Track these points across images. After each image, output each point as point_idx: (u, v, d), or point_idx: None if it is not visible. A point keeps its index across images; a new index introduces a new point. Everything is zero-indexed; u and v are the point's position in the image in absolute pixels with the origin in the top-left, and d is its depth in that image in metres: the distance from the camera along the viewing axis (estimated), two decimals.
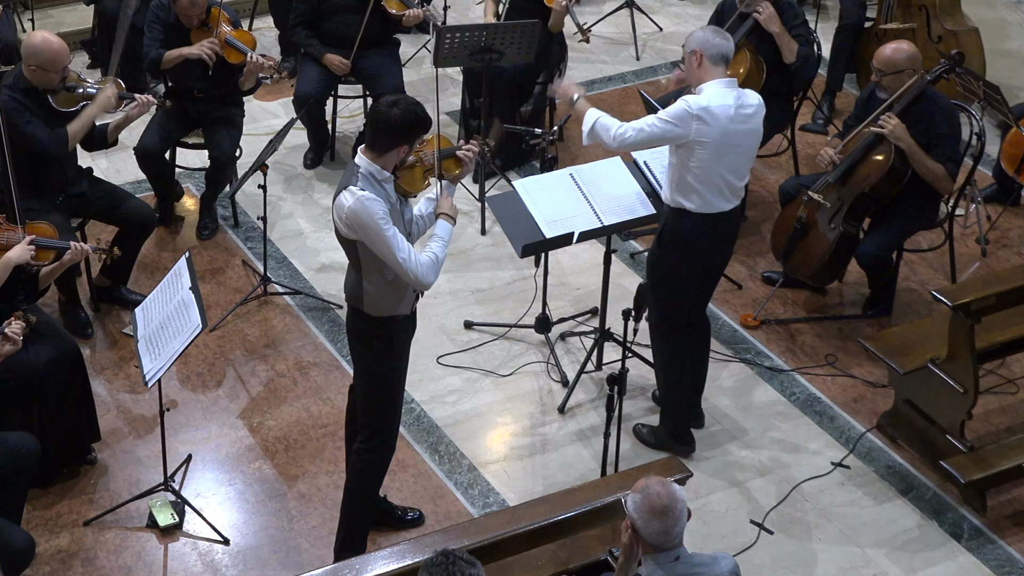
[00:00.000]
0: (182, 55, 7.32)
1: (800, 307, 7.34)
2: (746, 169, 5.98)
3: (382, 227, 5.08)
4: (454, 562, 4.02)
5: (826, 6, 9.92)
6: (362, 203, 5.08)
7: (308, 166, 8.24)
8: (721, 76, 5.81)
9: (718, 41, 5.80)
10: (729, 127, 5.78)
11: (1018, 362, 6.94)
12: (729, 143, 5.80)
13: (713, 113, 5.73)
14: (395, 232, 5.12)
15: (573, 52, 8.80)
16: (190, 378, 6.77)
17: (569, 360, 6.95)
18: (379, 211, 5.08)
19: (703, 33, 5.84)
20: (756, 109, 5.88)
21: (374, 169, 5.15)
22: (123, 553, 5.87)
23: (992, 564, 5.93)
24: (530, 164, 8.25)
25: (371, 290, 5.29)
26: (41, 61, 6.53)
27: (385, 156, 5.16)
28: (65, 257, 6.07)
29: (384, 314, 5.34)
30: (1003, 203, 8.05)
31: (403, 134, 5.14)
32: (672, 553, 4.38)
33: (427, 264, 5.19)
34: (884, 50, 6.84)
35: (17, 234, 5.98)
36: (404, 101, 5.16)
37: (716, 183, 5.87)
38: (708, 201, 5.90)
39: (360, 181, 5.13)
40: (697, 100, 5.77)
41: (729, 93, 5.79)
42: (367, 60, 7.98)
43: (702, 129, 5.73)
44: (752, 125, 5.88)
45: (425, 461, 6.35)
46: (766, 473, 6.35)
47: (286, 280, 7.37)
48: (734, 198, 5.97)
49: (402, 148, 5.16)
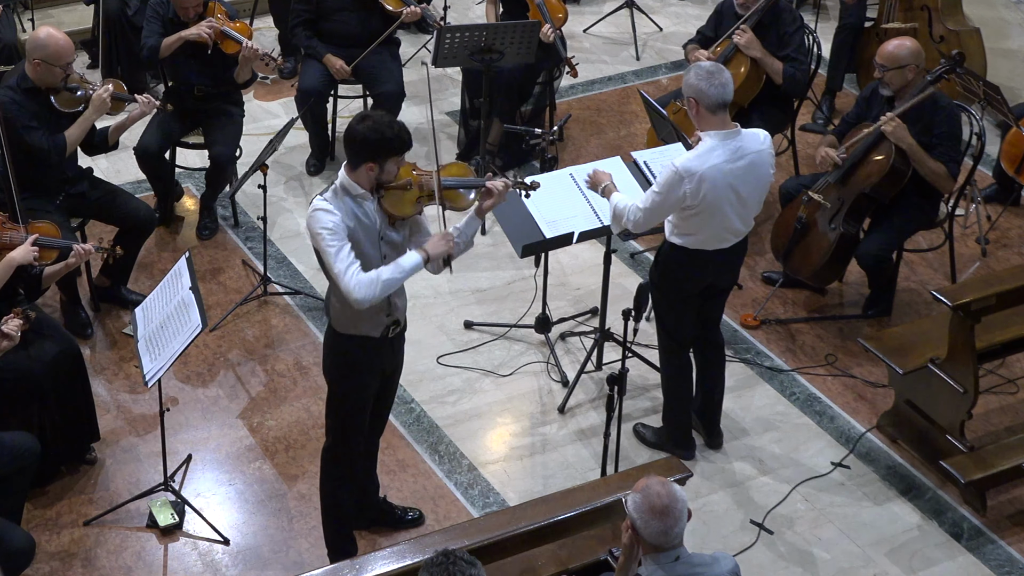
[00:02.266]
0: (181, 38, 7.31)
1: (800, 307, 7.34)
2: (751, 215, 5.86)
3: (324, 236, 5.00)
4: (454, 562, 4.02)
5: (826, 6, 9.92)
6: (314, 212, 5.04)
7: (311, 173, 8.23)
8: (720, 124, 5.64)
9: (714, 91, 5.57)
10: (724, 182, 5.64)
11: (1018, 362, 6.94)
12: (728, 196, 5.69)
13: (701, 176, 5.59)
14: (341, 245, 5.00)
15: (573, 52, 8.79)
16: (190, 378, 6.77)
17: (569, 360, 6.95)
18: (326, 221, 5.00)
19: (697, 81, 5.60)
20: (758, 154, 5.72)
21: (347, 183, 5.07)
22: (123, 553, 5.87)
23: (992, 564, 5.93)
24: (530, 164, 8.25)
25: (338, 305, 5.24)
26: (46, 55, 6.53)
27: (356, 172, 5.05)
28: (69, 259, 6.03)
29: (347, 331, 5.26)
30: (1003, 203, 8.05)
31: (367, 151, 4.99)
32: (672, 553, 4.38)
33: (364, 281, 5.01)
34: (887, 46, 6.83)
35: (20, 234, 5.97)
36: (375, 118, 5.01)
37: (716, 231, 5.81)
38: (704, 243, 5.84)
39: (329, 192, 5.08)
40: (685, 162, 5.62)
41: (725, 146, 5.64)
42: (367, 60, 7.98)
43: (694, 189, 5.61)
44: (754, 172, 5.72)
45: (425, 461, 6.36)
46: (766, 473, 6.35)
47: (286, 280, 7.37)
48: (735, 238, 5.89)
49: (369, 166, 5.02)
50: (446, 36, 7.60)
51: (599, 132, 8.73)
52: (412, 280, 5.35)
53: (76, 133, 6.71)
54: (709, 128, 5.66)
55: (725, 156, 5.64)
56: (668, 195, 5.66)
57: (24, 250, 5.89)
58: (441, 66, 7.91)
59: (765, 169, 5.79)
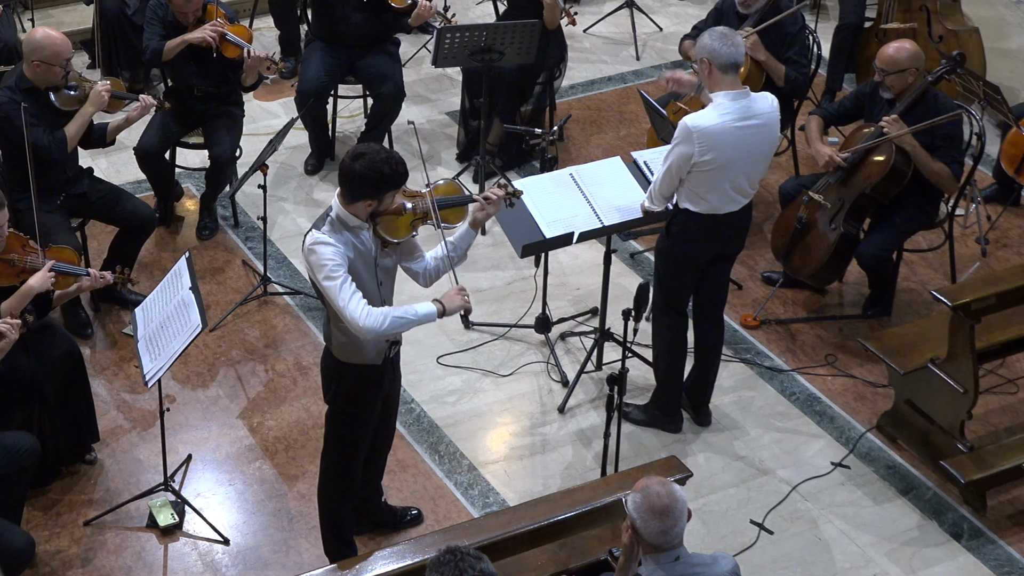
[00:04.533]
0: (184, 41, 7.30)
1: (800, 307, 7.34)
2: (759, 174, 6.01)
3: (328, 269, 4.97)
4: (462, 559, 4.00)
5: (826, 6, 9.92)
6: (314, 246, 5.01)
7: (309, 172, 8.23)
8: (731, 85, 5.80)
9: (726, 50, 5.75)
10: (733, 141, 5.78)
11: (1018, 362, 6.94)
12: (737, 155, 5.81)
13: (711, 132, 5.73)
14: (345, 277, 4.98)
15: (573, 52, 8.80)
16: (190, 378, 6.77)
17: (569, 360, 6.95)
18: (329, 254, 4.98)
19: (711, 41, 5.79)
20: (767, 116, 5.87)
21: (344, 215, 5.04)
22: (123, 553, 5.87)
23: (992, 564, 5.93)
24: (530, 164, 8.25)
25: (340, 336, 5.22)
26: (44, 55, 6.53)
27: (353, 205, 5.03)
28: (84, 284, 5.98)
29: (351, 360, 5.26)
30: (1003, 203, 8.04)
31: (365, 189, 4.97)
32: (672, 553, 4.38)
33: (374, 313, 4.98)
34: (887, 49, 6.83)
35: (39, 258, 5.83)
36: (370, 155, 4.95)
37: (725, 190, 5.90)
38: (715, 207, 5.94)
39: (327, 225, 5.04)
40: (695, 118, 5.78)
41: (735, 105, 5.79)
42: (367, 60, 7.98)
43: (704, 145, 5.74)
44: (763, 133, 5.88)
45: (425, 461, 6.36)
46: (766, 473, 6.35)
47: (286, 280, 7.37)
48: (743, 199, 6.00)
49: (367, 202, 5.01)
50: (446, 36, 7.60)
51: (599, 132, 8.73)
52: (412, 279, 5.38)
53: (75, 128, 6.70)
54: (720, 89, 5.81)
55: (735, 115, 5.78)
56: (679, 154, 5.79)
57: (42, 278, 5.76)
58: (441, 66, 7.91)
59: (773, 131, 5.94)
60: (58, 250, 5.97)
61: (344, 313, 4.98)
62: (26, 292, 5.73)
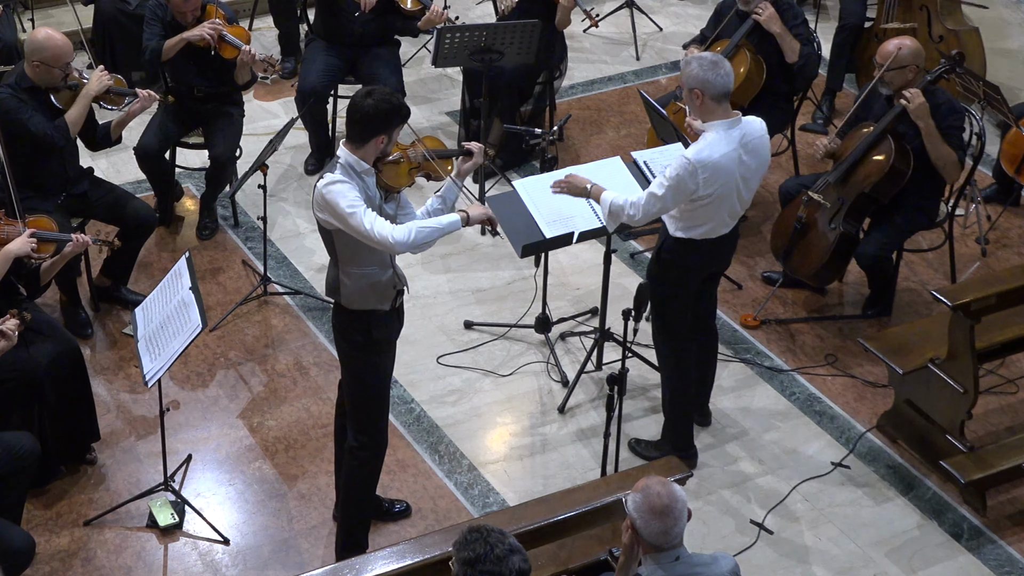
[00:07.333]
0: (183, 39, 7.30)
1: (800, 307, 7.34)
2: (752, 194, 5.95)
3: (348, 200, 5.09)
4: (489, 534, 4.02)
5: (826, 6, 9.92)
6: (330, 186, 5.13)
7: (309, 172, 8.23)
8: (724, 115, 5.68)
9: (719, 80, 5.62)
10: (737, 169, 5.72)
11: (1018, 362, 6.94)
12: (737, 185, 5.76)
13: (717, 164, 5.64)
14: (365, 207, 5.11)
15: (573, 52, 8.80)
16: (190, 378, 6.77)
17: (569, 360, 6.95)
18: (345, 189, 5.11)
19: (701, 71, 5.63)
20: (760, 137, 5.80)
21: (352, 160, 5.19)
22: (123, 553, 5.87)
23: (992, 564, 5.93)
24: (530, 164, 8.25)
25: (348, 283, 5.32)
26: (44, 57, 6.54)
27: (364, 147, 5.18)
28: (66, 249, 6.06)
29: (361, 307, 5.36)
30: (1003, 203, 8.05)
31: (379, 123, 5.15)
32: (672, 553, 4.38)
33: (400, 227, 5.15)
34: (887, 45, 6.83)
35: (17, 228, 5.97)
36: (378, 91, 5.18)
37: (722, 218, 5.86)
38: (708, 232, 5.88)
39: (337, 170, 5.17)
40: (698, 153, 5.64)
41: (732, 135, 5.69)
42: (367, 60, 7.98)
43: (708, 179, 5.65)
44: (759, 157, 5.82)
45: (425, 461, 6.36)
46: (766, 473, 6.35)
47: (286, 280, 7.37)
48: (735, 221, 5.96)
49: (380, 138, 5.17)
50: (446, 36, 7.60)
51: (599, 132, 8.73)
52: (412, 280, 5.38)
53: (76, 113, 6.70)
54: (713, 118, 5.69)
55: (733, 144, 5.70)
56: (679, 187, 5.67)
57: (21, 242, 5.89)
58: (441, 66, 7.91)
59: (767, 155, 5.91)
60: (34, 220, 6.10)
61: (373, 235, 5.10)
62: (4, 255, 5.82)
